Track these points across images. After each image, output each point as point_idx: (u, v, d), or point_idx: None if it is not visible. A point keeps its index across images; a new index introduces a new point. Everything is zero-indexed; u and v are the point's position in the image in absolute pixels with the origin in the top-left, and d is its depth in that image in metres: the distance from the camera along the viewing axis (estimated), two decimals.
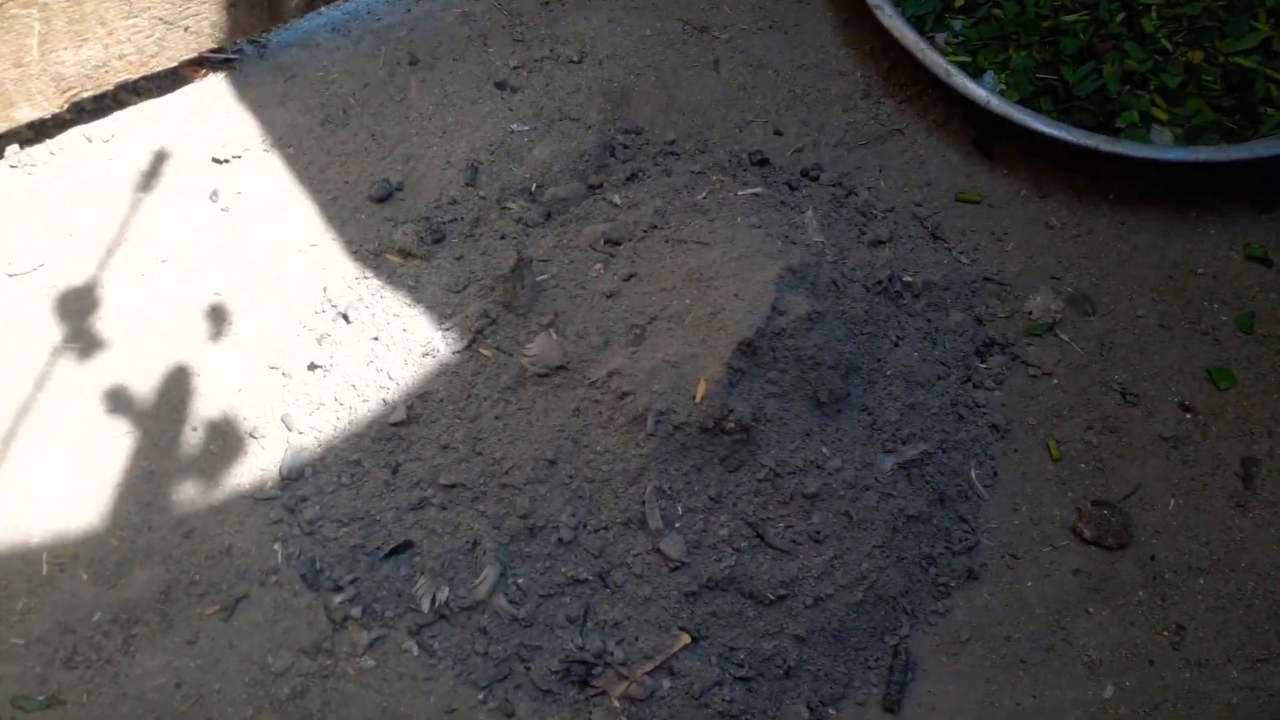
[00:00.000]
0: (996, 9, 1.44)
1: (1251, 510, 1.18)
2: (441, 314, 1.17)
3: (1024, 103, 1.37)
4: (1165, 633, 1.12)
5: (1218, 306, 1.30)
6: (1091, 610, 1.12)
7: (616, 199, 1.23)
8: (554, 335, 1.08)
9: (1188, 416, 1.23)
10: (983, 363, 1.23)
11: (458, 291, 1.18)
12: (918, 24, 1.43)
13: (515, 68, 1.41)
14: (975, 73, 1.40)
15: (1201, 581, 1.14)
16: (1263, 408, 1.24)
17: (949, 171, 1.37)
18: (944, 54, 1.41)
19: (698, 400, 1.01)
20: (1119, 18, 1.43)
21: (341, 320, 1.19)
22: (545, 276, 1.14)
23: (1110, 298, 1.30)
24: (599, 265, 1.14)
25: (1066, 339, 1.27)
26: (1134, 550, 1.16)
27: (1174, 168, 1.33)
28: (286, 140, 1.32)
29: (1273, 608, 1.13)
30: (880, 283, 1.20)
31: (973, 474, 1.16)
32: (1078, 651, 1.10)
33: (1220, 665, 1.10)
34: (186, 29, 1.29)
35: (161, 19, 1.27)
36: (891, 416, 1.12)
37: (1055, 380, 1.24)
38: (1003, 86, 1.39)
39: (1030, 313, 1.27)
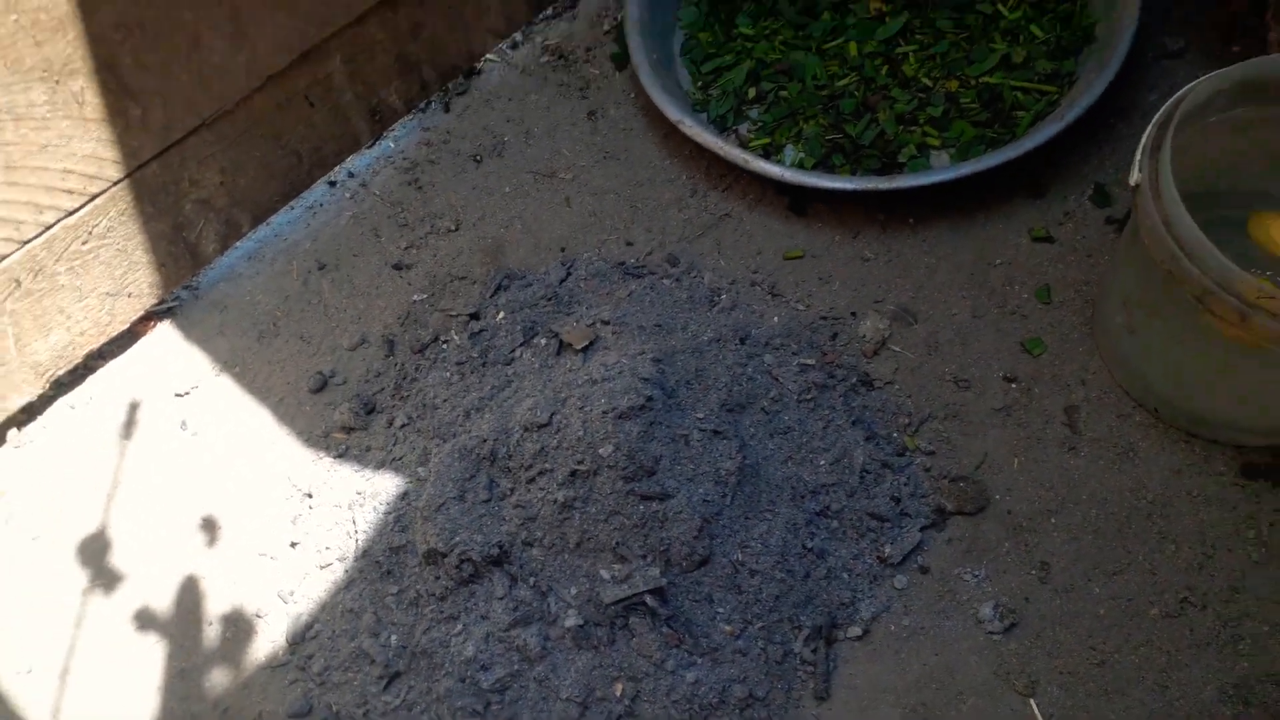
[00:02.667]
0: (783, 92, 1.60)
1: (1081, 450, 1.31)
2: (385, 467, 1.33)
3: (820, 164, 1.53)
4: (1033, 571, 1.24)
5: (1018, 287, 1.44)
6: (968, 569, 1.25)
7: (500, 317, 1.39)
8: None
9: (1013, 386, 1.37)
10: (834, 391, 1.36)
11: (393, 447, 1.34)
12: (721, 122, 1.60)
13: (406, 248, 1.57)
14: (776, 149, 1.56)
15: (1053, 520, 1.27)
16: (1072, 362, 1.38)
17: (774, 237, 1.52)
18: (746, 143, 1.57)
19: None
20: (883, 70, 1.59)
21: (307, 499, 1.34)
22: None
23: (927, 305, 1.44)
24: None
25: (898, 349, 1.41)
26: (992, 510, 1.29)
27: (946, 186, 1.48)
28: (231, 362, 1.48)
29: (1115, 526, 1.26)
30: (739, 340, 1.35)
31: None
32: (965, 607, 1.23)
33: (1083, 586, 1.23)
34: (130, 295, 1.46)
35: (108, 293, 1.43)
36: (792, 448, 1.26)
37: (898, 386, 1.39)
38: (801, 155, 1.55)
39: (864, 336, 1.42)
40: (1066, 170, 1.53)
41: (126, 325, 1.48)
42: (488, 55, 1.75)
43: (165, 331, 1.51)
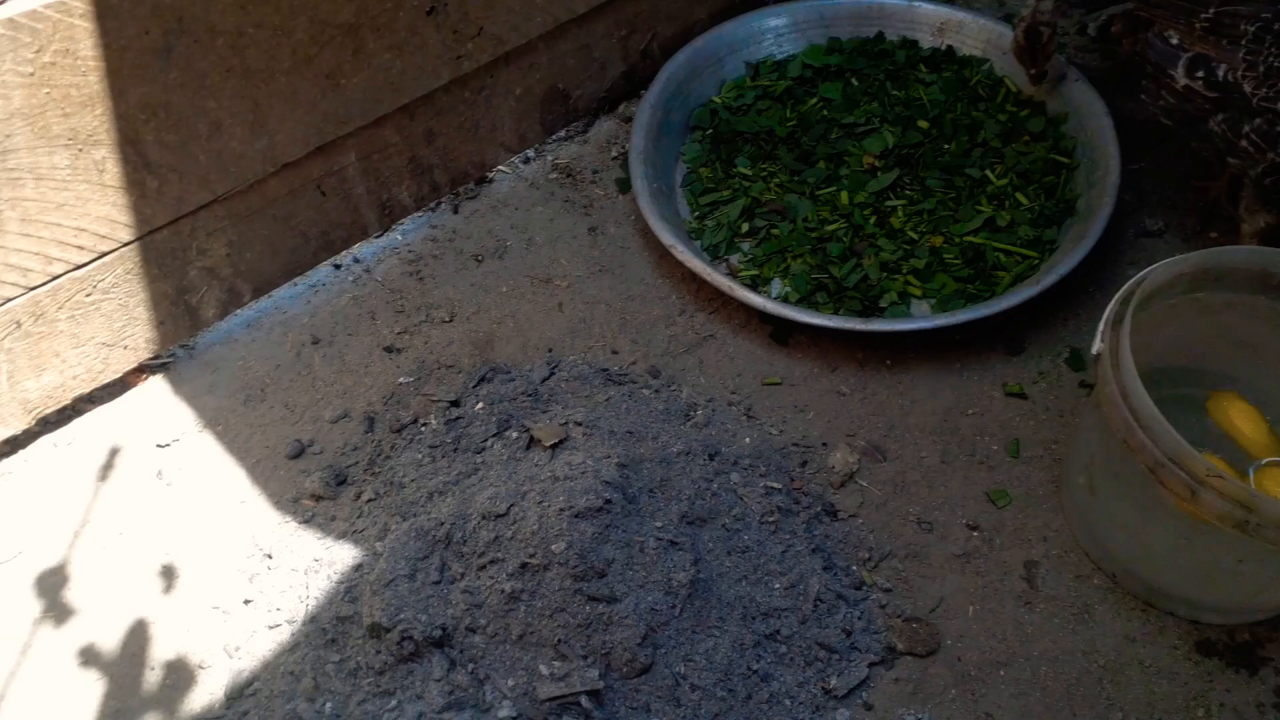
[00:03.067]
0: (775, 229, 1.67)
1: (1037, 605, 1.31)
2: (345, 538, 1.32)
3: (804, 299, 1.57)
4: None
5: (988, 439, 1.46)
6: (912, 711, 1.23)
7: (479, 407, 1.41)
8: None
9: (975, 534, 1.38)
10: (797, 517, 1.37)
11: (356, 519, 1.34)
12: (714, 251, 1.66)
13: (399, 333, 1.61)
14: (764, 281, 1.61)
15: (1002, 673, 1.26)
16: (1036, 518, 1.39)
17: (755, 362, 1.55)
18: (735, 273, 1.62)
19: None
20: (872, 220, 1.66)
21: (267, 559, 1.33)
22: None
23: (898, 445, 1.46)
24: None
25: (865, 484, 1.42)
26: (943, 654, 1.28)
27: (924, 334, 1.52)
28: (215, 421, 1.50)
29: (1063, 686, 1.24)
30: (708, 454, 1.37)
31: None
32: None
33: None
34: (125, 347, 1.49)
35: (104, 343, 1.46)
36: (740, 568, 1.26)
37: (861, 520, 1.39)
38: (787, 289, 1.59)
39: (833, 467, 1.43)
40: (1045, 332, 1.57)
41: (119, 375, 1.51)
42: (500, 167, 1.82)
43: (156, 385, 1.54)
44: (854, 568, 1.34)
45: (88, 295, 1.41)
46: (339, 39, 1.45)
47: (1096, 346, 1.20)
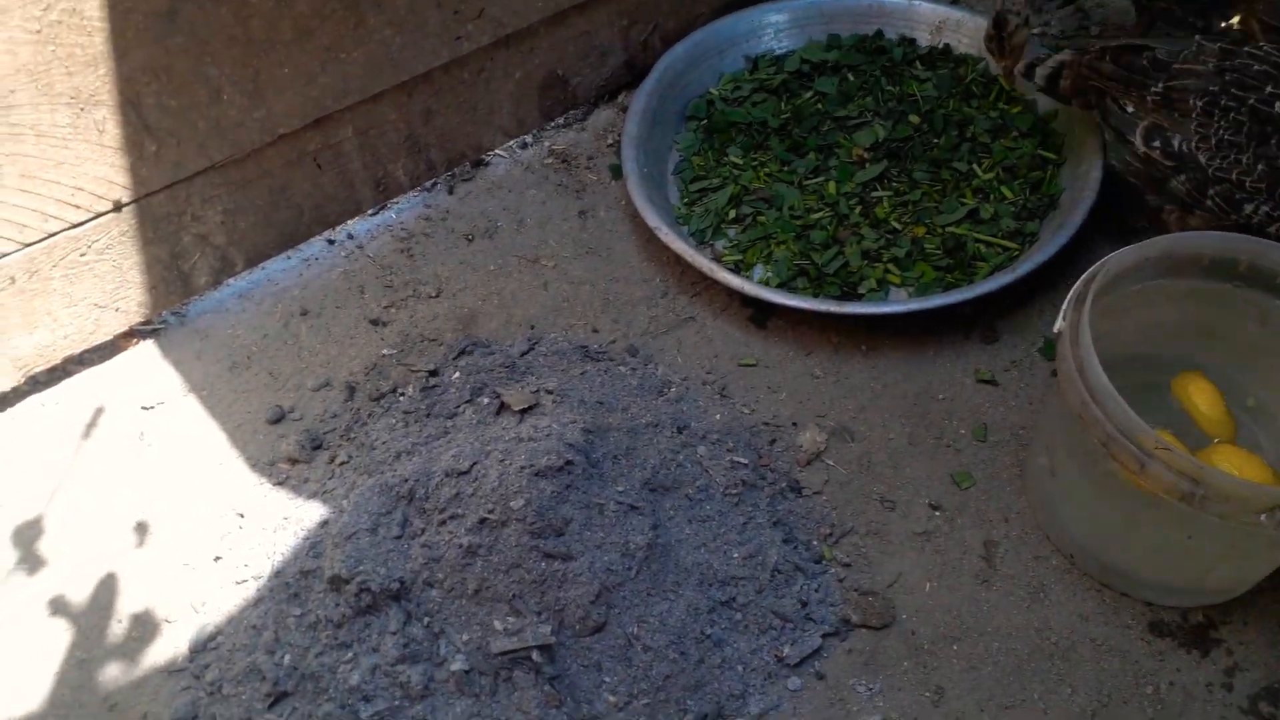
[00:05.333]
0: (761, 216, 1.69)
1: (994, 584, 1.32)
2: (315, 498, 1.36)
3: (785, 285, 1.60)
4: (928, 694, 1.24)
5: (956, 423, 1.48)
6: (863, 681, 1.24)
7: (456, 376, 1.44)
8: None
9: (937, 514, 1.39)
10: (762, 492, 1.38)
11: (328, 481, 1.38)
12: (700, 235, 1.68)
13: (386, 307, 1.65)
14: (747, 266, 1.64)
15: (955, 647, 1.27)
16: (998, 499, 1.40)
17: (732, 344, 1.58)
18: (719, 257, 1.65)
19: None
20: (856, 210, 1.68)
21: (239, 519, 1.37)
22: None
23: (866, 427, 1.48)
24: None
25: (832, 463, 1.44)
26: (897, 628, 1.29)
27: (899, 318, 1.54)
28: (201, 386, 1.54)
29: (1015, 662, 1.25)
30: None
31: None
32: (854, 718, 1.21)
33: (974, 714, 1.22)
34: (118, 310, 1.53)
35: (96, 304, 1.51)
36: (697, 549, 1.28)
37: (825, 497, 1.41)
38: (769, 274, 1.62)
39: (801, 445, 1.45)
40: (1020, 322, 1.58)
41: (109, 337, 1.55)
42: (497, 150, 1.86)
43: (146, 349, 1.58)
44: (814, 542, 1.35)
45: (82, 255, 1.46)
46: (340, 12, 1.50)
47: (1059, 325, 1.22)
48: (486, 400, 1.37)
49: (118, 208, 1.45)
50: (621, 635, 1.16)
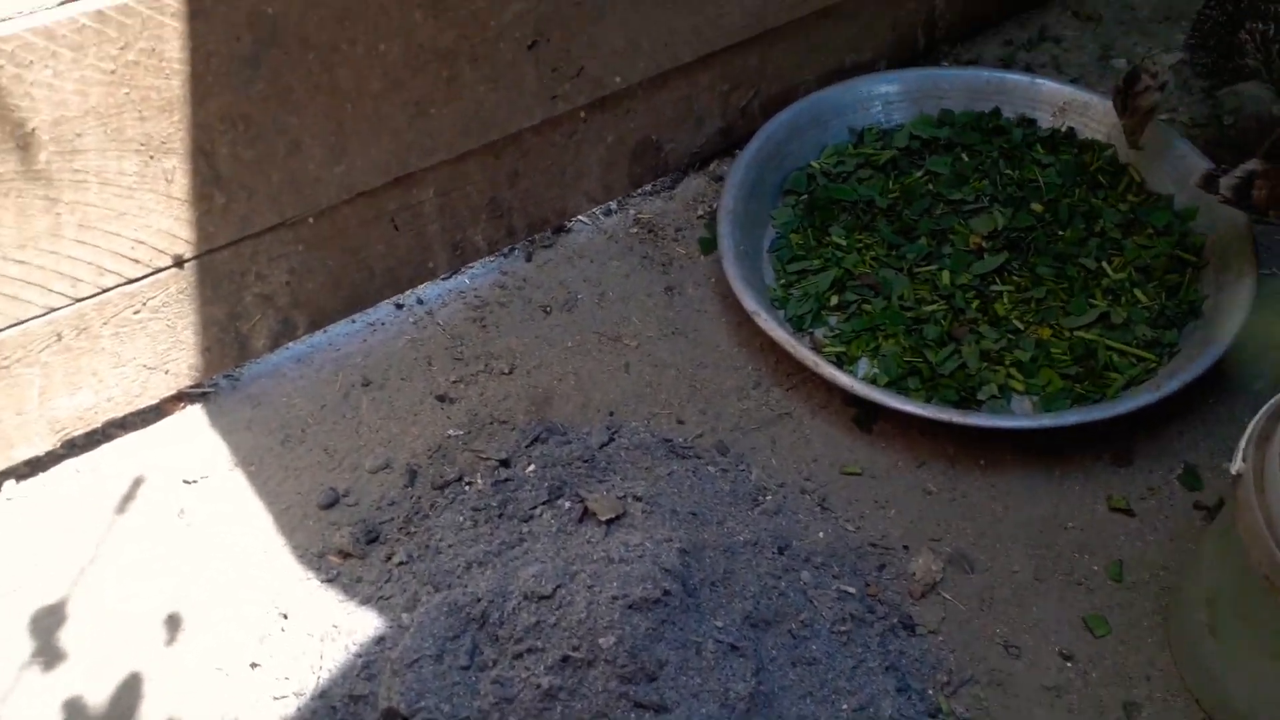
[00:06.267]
0: (867, 304, 1.54)
1: None
2: (369, 604, 1.21)
3: (894, 384, 1.44)
4: None
5: (1088, 557, 1.31)
6: None
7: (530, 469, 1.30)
8: None
9: (1068, 665, 1.22)
10: (872, 629, 1.22)
11: (384, 584, 1.23)
12: (798, 322, 1.54)
13: (454, 382, 1.51)
14: (850, 360, 1.49)
15: None
16: (1138, 653, 1.23)
17: (833, 447, 1.42)
18: (820, 347, 1.50)
19: None
20: (974, 304, 1.53)
21: (282, 619, 1.23)
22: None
23: (987, 555, 1.31)
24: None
25: (949, 597, 1.28)
26: None
27: (1028, 434, 1.38)
28: (249, 460, 1.40)
29: None
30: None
31: None
32: None
33: None
34: (167, 371, 1.41)
35: (145, 365, 1.39)
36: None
37: (942, 637, 1.24)
38: (875, 370, 1.47)
39: (914, 574, 1.29)
40: (1156, 444, 1.42)
41: (156, 400, 1.43)
42: (579, 217, 1.73)
43: (193, 414, 1.45)
44: (930, 691, 1.19)
45: (136, 313, 1.34)
46: (434, 65, 1.38)
47: (1236, 465, 1.06)
48: (568, 504, 1.22)
49: (179, 263, 1.33)
50: None
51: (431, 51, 1.37)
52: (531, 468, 1.31)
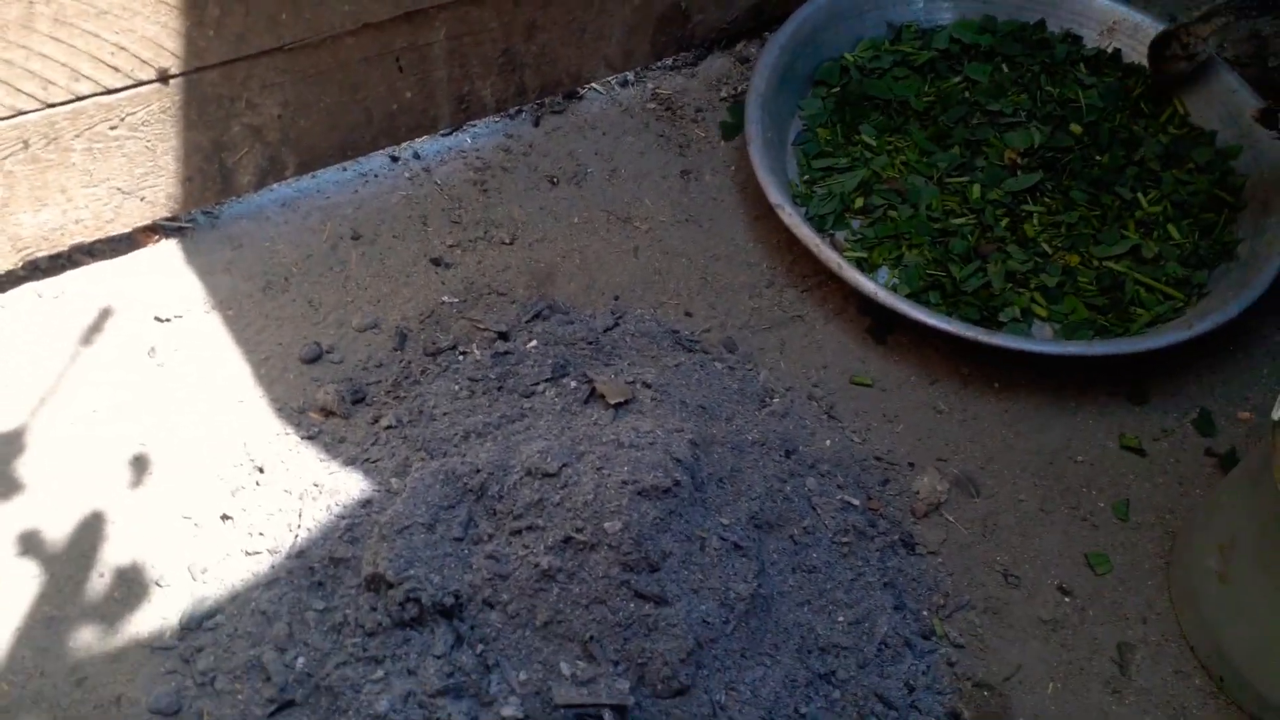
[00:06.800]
0: (893, 211, 1.47)
1: (1127, 696, 1.13)
2: (355, 465, 1.14)
3: (914, 296, 1.38)
4: None
5: (1095, 493, 1.28)
6: None
7: (532, 344, 1.22)
8: None
9: (1066, 600, 1.19)
10: (872, 543, 1.18)
11: (371, 446, 1.15)
12: (819, 222, 1.46)
13: (451, 246, 1.42)
14: (871, 267, 1.42)
15: None
16: (1137, 594, 1.20)
17: (844, 356, 1.36)
18: (841, 250, 1.43)
19: None
20: (1003, 222, 1.46)
21: (257, 473, 1.15)
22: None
23: (994, 481, 1.27)
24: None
25: (952, 519, 1.24)
26: None
27: (1051, 360, 1.33)
28: (227, 303, 1.31)
29: None
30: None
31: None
32: None
33: None
34: (143, 199, 1.30)
35: (120, 189, 1.27)
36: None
37: (941, 559, 1.21)
38: (895, 280, 1.40)
39: (918, 492, 1.25)
40: (1174, 385, 1.38)
41: (128, 229, 1.32)
42: (594, 84, 1.62)
43: (168, 249, 1.35)
44: (926, 613, 1.15)
45: (112, 128, 1.22)
46: None
47: (1277, 412, 1.02)
48: (573, 384, 1.15)
49: (164, 78, 1.21)
50: (707, 703, 0.96)
51: None
52: (533, 343, 1.23)
